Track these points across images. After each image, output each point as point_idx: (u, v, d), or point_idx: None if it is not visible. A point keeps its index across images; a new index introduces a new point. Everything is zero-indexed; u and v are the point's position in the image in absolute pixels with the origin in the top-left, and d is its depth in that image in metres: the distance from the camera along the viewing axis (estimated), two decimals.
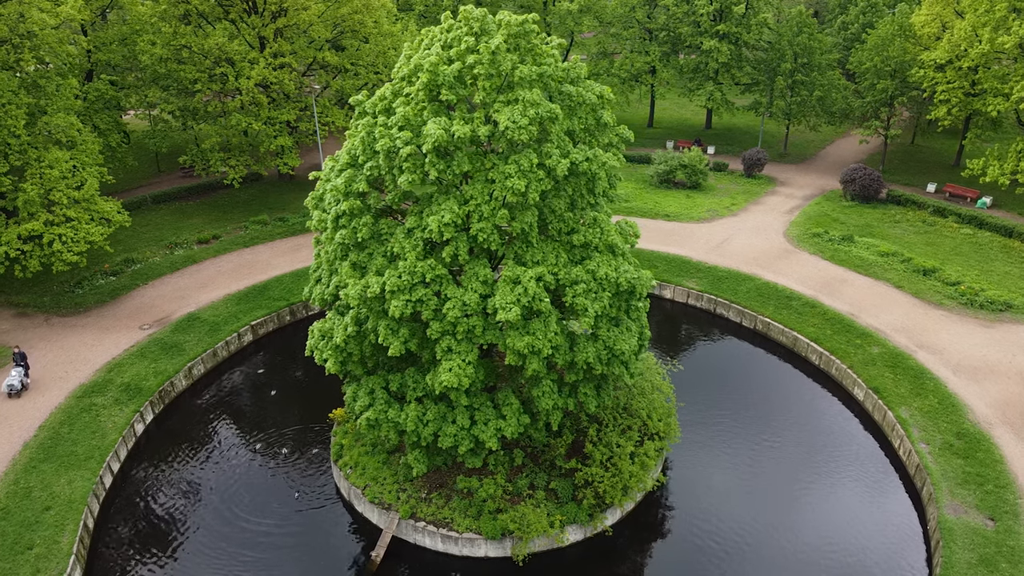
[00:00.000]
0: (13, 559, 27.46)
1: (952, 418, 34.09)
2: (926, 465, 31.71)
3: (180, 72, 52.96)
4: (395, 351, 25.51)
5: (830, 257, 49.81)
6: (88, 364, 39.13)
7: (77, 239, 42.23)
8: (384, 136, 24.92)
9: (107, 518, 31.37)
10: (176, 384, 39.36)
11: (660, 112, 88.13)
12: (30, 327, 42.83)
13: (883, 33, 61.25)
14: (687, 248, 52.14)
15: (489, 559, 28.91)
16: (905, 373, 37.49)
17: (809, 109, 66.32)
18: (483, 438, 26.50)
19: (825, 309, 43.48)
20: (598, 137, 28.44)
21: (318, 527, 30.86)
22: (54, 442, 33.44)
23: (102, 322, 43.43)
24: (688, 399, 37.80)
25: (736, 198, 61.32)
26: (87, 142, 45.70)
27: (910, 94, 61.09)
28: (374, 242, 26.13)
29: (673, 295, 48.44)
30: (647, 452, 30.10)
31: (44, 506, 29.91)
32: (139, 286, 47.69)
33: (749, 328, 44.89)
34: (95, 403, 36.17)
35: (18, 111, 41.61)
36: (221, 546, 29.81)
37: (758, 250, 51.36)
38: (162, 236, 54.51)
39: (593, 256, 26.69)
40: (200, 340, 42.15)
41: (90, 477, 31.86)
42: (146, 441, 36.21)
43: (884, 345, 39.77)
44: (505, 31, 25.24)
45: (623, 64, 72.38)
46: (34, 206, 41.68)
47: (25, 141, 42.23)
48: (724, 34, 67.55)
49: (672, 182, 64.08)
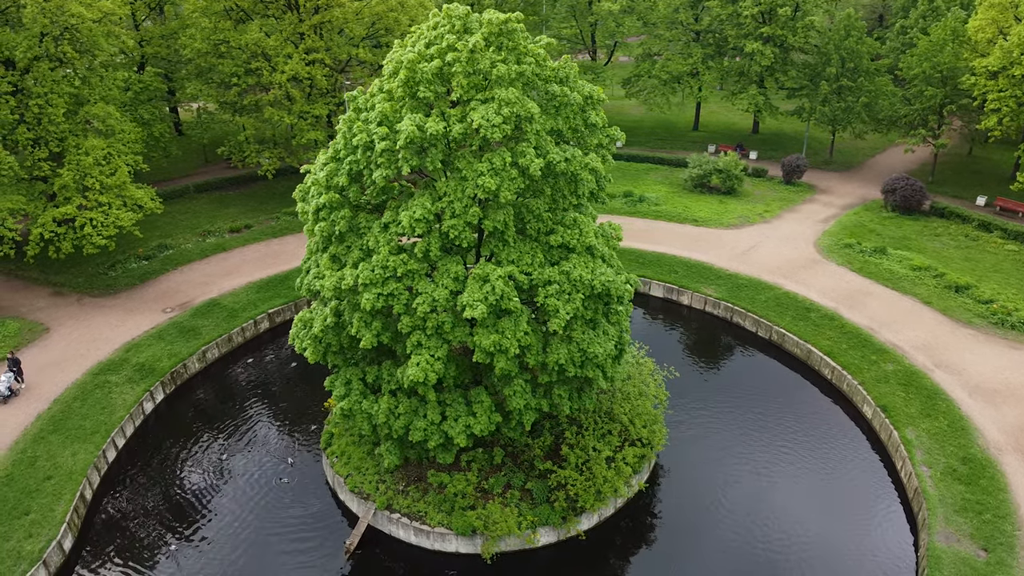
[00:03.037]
0: (10, 523, 28.95)
1: (960, 442, 32.51)
2: (924, 489, 30.33)
3: (219, 66, 54.80)
4: (367, 343, 25.87)
5: (858, 269, 48.06)
6: (109, 343, 40.87)
7: (107, 223, 44.14)
8: (361, 131, 25.31)
9: (106, 491, 32.73)
10: (189, 367, 40.75)
11: (707, 116, 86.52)
12: (63, 305, 45.01)
13: (935, 38, 58.67)
14: (711, 254, 51.11)
15: (460, 555, 29.03)
16: (918, 392, 35.92)
17: (854, 116, 64.02)
18: (452, 434, 26.62)
19: (844, 322, 42.00)
20: (587, 138, 28.14)
21: (301, 511, 31.51)
22: (65, 415, 35.08)
23: (129, 304, 45.31)
24: (689, 408, 37.23)
25: (770, 205, 59.74)
26: (124, 131, 47.77)
27: (960, 102, 58.31)
28: (352, 235, 26.53)
29: (691, 301, 47.57)
30: (625, 458, 29.69)
31: (46, 475, 31.43)
32: (168, 271, 49.55)
33: (764, 338, 43.73)
34: (109, 380, 37.79)
35: (59, 100, 43.78)
36: (206, 522, 30.78)
37: (783, 259, 49.94)
38: (198, 224, 56.47)
39: (570, 257, 26.45)
40: (217, 325, 43.54)
41: (93, 451, 33.34)
42: (154, 420, 37.61)
43: (900, 362, 38.18)
44: (487, 29, 25.28)
45: (664, 66, 71.33)
46: (70, 191, 43.80)
47: (65, 129, 44.41)
48: (769, 37, 65.82)
49: (707, 187, 62.86)
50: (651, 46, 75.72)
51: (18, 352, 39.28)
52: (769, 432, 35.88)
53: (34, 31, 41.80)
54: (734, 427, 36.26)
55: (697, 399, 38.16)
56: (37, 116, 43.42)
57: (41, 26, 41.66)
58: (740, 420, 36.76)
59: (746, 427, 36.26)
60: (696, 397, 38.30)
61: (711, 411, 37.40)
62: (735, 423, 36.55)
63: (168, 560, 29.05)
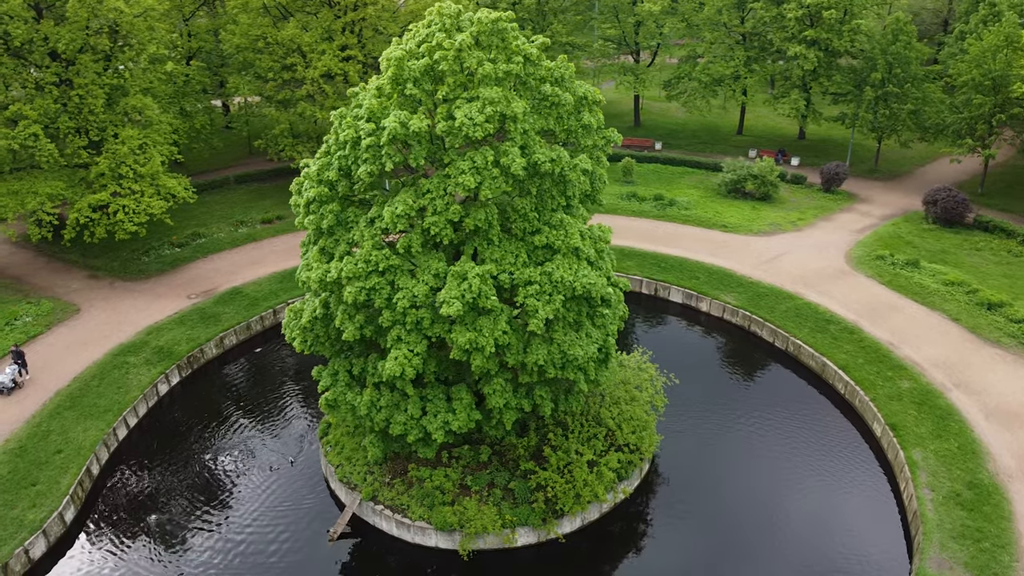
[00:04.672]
0: (16, 492, 30.43)
1: (968, 466, 31.13)
2: (923, 513, 29.15)
3: (257, 61, 56.30)
4: (349, 336, 26.32)
5: (887, 282, 46.40)
6: (133, 326, 42.51)
7: (138, 211, 45.89)
8: (349, 127, 25.73)
9: (113, 467, 34.06)
10: (206, 351, 42.04)
11: (753, 120, 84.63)
12: (96, 288, 47.01)
13: (988, 43, 56.13)
14: (735, 261, 50.08)
15: (440, 550, 29.22)
16: (931, 412, 34.53)
17: (900, 123, 61.75)
18: (430, 429, 26.84)
19: (863, 336, 40.64)
20: (581, 139, 27.96)
21: (293, 497, 32.21)
22: (82, 393, 36.65)
23: (157, 289, 47.02)
24: (692, 417, 36.69)
25: (805, 213, 58.16)
26: (161, 123, 49.54)
27: (1012, 111, 55.65)
28: (341, 229, 27.00)
29: (709, 308, 46.72)
30: (608, 463, 29.39)
31: (56, 449, 32.91)
32: (198, 259, 51.21)
33: (780, 349, 42.63)
34: (127, 361, 39.30)
35: (99, 91, 45.71)
36: (204, 503, 31.76)
37: (809, 269, 48.58)
38: (233, 214, 58.14)
39: (554, 258, 26.33)
40: (237, 313, 44.80)
41: (104, 428, 34.74)
42: (168, 401, 38.96)
43: (916, 380, 36.76)
44: (476, 28, 25.40)
45: (705, 68, 70.11)
46: (105, 178, 45.69)
47: (104, 119, 46.35)
48: (814, 40, 63.99)
49: (741, 192, 61.58)
50: (695, 47, 74.53)
51: (49, 331, 41.29)
52: (773, 446, 35.00)
53: (80, 24, 43.72)
54: (737, 439, 35.50)
55: (702, 408, 37.47)
56: (78, 106, 45.44)
57: (83, 20, 43.57)
58: (744, 432, 35.96)
59: (750, 440, 35.45)
60: (701, 406, 37.60)
61: (715, 421, 36.69)
62: (738, 435, 35.78)
63: (163, 537, 30.08)
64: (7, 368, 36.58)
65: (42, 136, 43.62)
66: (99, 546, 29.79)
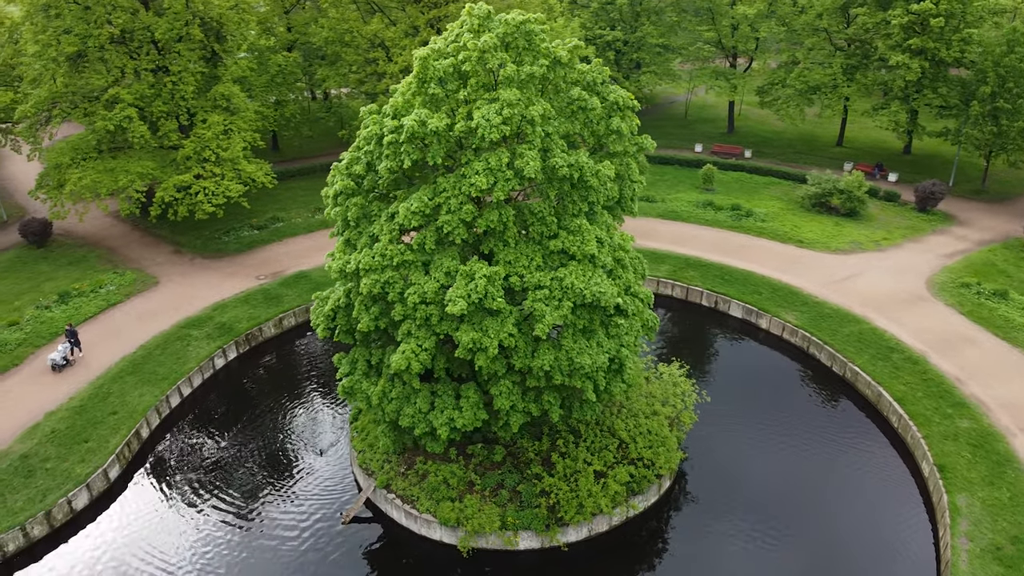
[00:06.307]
0: (70, 447, 33.06)
1: (1017, 519, 28.57)
2: (955, 564, 27.04)
3: (344, 54, 58.39)
4: (363, 326, 27.05)
5: (968, 312, 43.08)
6: (202, 301, 45.16)
7: (217, 193, 48.66)
8: (376, 123, 26.39)
9: (161, 432, 36.36)
10: (264, 330, 44.11)
11: (856, 132, 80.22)
12: (177, 263, 50.23)
13: None
14: (804, 278, 47.80)
15: (444, 544, 29.58)
16: (987, 457, 31.89)
17: (1009, 142, 56.99)
18: (435, 424, 27.20)
19: (927, 368, 37.96)
20: (611, 144, 27.56)
21: (316, 478, 33.40)
22: (144, 360, 39.32)
23: (231, 268, 49.72)
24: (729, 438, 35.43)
25: (892, 232, 54.73)
26: (247, 110, 52.28)
27: None
28: (364, 222, 27.74)
29: (768, 326, 44.84)
30: (617, 476, 28.82)
31: (112, 410, 35.49)
32: (274, 242, 53.74)
33: (837, 375, 40.40)
34: (190, 334, 41.82)
35: (191, 78, 48.77)
36: (237, 474, 33.44)
37: (883, 292, 45.74)
38: (313, 200, 60.53)
39: (569, 264, 26.09)
40: (300, 295, 46.70)
41: (158, 394, 37.15)
42: (224, 375, 41.17)
43: (978, 420, 34.02)
44: (502, 29, 25.48)
45: (800, 75, 67.03)
46: (191, 161, 48.72)
47: (195, 105, 49.41)
48: (920, 49, 59.91)
49: (826, 207, 58.61)
50: (793, 54, 71.41)
51: (127, 300, 44.57)
52: (811, 476, 33.25)
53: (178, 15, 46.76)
54: (775, 465, 33.94)
55: (742, 430, 36.05)
56: (172, 92, 48.63)
57: (180, 10, 46.57)
58: (784, 459, 34.35)
59: (788, 467, 33.83)
60: (742, 428, 36.19)
61: (754, 444, 35.21)
62: (777, 461, 34.22)
63: (194, 502, 31.92)
64: (60, 346, 38.52)
65: (136, 118, 46.97)
66: (137, 504, 31.93)
